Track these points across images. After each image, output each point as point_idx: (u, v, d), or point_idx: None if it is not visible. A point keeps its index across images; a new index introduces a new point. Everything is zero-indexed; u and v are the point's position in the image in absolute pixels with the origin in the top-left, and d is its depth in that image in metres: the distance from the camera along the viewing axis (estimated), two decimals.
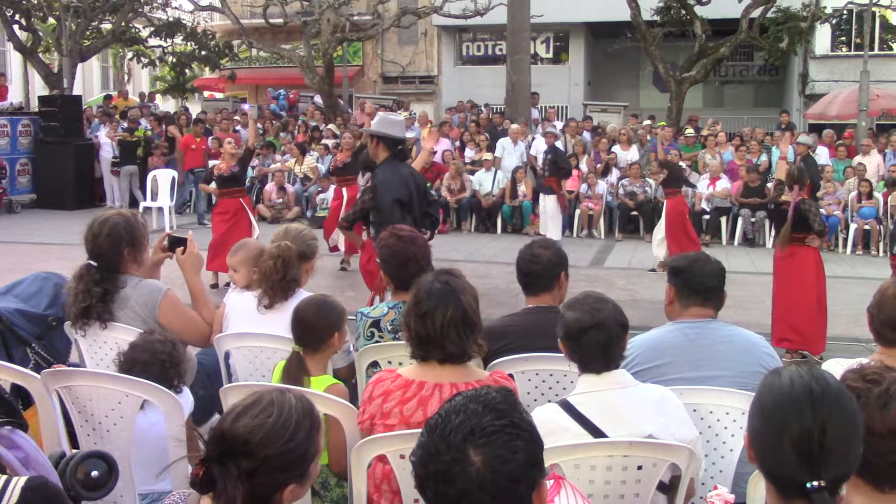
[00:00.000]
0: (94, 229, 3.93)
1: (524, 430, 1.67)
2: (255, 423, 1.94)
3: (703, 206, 14.99)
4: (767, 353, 3.41)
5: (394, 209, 6.09)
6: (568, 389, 3.31)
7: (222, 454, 1.93)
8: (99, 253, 3.92)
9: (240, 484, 1.91)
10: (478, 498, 1.59)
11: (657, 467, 2.70)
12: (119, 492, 3.01)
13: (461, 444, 1.61)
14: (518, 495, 1.62)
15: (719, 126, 17.94)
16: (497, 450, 1.61)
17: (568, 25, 28.61)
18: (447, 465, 1.61)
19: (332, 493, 3.32)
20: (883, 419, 1.88)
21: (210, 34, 26.23)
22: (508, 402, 1.71)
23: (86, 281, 3.88)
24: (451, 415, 1.68)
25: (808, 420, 1.70)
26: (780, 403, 1.74)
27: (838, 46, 27.56)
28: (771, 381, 1.81)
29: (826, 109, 21.03)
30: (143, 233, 4.05)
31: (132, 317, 3.89)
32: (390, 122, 6.44)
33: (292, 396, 2.05)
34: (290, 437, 1.96)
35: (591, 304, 2.85)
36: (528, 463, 1.64)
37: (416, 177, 6.43)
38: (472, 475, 1.59)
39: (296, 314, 3.50)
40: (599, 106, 22.68)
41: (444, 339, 2.80)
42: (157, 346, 3.40)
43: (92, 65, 31.15)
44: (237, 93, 31.30)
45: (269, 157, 17.55)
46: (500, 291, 9.09)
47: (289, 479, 1.98)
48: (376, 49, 30.64)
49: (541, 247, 3.91)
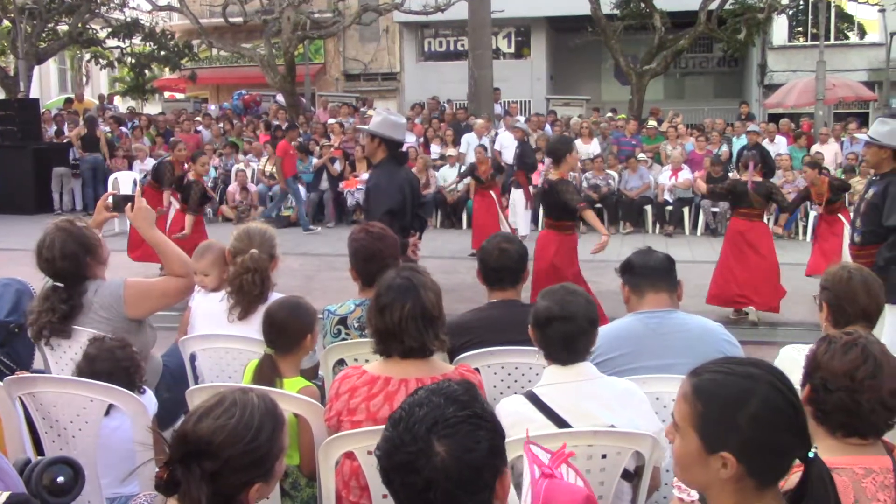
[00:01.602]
0: (45, 255, 3.79)
1: (486, 420, 1.72)
2: (217, 424, 1.95)
3: (666, 197, 15.14)
4: (726, 339, 3.48)
5: (383, 219, 5.84)
6: (533, 382, 3.34)
7: (185, 456, 1.94)
8: (62, 275, 3.82)
9: (204, 485, 1.91)
10: (443, 487, 1.64)
11: (621, 455, 2.75)
12: (86, 497, 2.99)
13: (425, 435, 1.66)
14: (482, 483, 1.67)
15: (680, 118, 18.13)
16: (461, 440, 1.66)
17: (529, 20, 28.71)
18: (413, 455, 1.66)
19: (303, 493, 3.32)
20: (842, 359, 2.23)
21: (169, 34, 25.95)
22: (470, 394, 1.75)
23: (52, 301, 3.79)
24: (415, 408, 1.73)
25: (789, 398, 1.77)
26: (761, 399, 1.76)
27: (795, 37, 27.96)
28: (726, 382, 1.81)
29: (784, 99, 21.32)
30: (90, 235, 3.92)
31: (97, 320, 3.85)
32: (392, 124, 6.11)
33: (255, 396, 2.05)
34: (254, 437, 1.96)
35: (562, 296, 2.89)
36: (491, 452, 1.68)
37: (412, 180, 6.21)
38: (437, 465, 1.64)
39: (269, 317, 3.45)
40: (562, 100, 22.82)
41: (402, 333, 2.83)
42: (117, 353, 3.35)
43: (49, 67, 30.73)
44: (198, 93, 30.99)
45: (232, 158, 17.41)
46: (466, 286, 9.11)
47: (253, 479, 1.99)
48: (338, 47, 30.53)
49: (506, 241, 3.96)
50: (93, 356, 3.36)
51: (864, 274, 3.35)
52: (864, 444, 2.22)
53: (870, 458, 2.18)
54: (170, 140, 14.30)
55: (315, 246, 13.58)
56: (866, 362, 2.22)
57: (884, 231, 5.66)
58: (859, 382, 2.20)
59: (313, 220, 15.99)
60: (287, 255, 10.20)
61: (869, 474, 2.14)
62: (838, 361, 2.23)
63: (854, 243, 5.94)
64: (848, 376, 2.21)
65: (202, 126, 19.41)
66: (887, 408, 2.21)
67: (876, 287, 3.30)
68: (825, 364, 2.26)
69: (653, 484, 2.94)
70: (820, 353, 2.29)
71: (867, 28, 27.13)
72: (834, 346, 2.27)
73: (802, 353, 2.95)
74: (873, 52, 25.75)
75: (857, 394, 2.19)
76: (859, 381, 2.20)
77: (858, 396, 2.19)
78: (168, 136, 18.51)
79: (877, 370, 2.21)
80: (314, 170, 16.41)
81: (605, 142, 16.71)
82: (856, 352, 2.24)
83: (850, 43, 27.20)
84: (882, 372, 2.21)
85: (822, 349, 2.29)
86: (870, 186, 5.92)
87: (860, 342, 2.27)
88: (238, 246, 4.19)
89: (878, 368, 2.21)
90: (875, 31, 26.07)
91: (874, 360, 2.22)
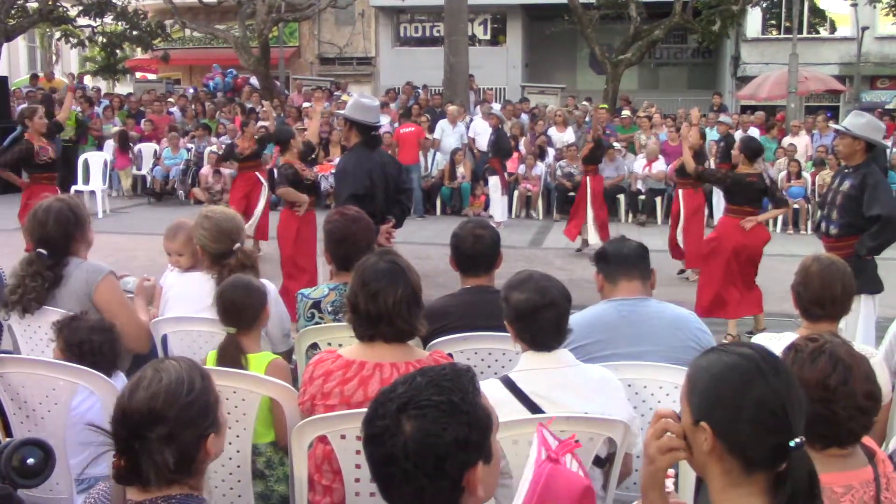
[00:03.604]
0: (39, 217, 3.89)
1: (461, 411, 1.70)
2: (151, 391, 1.99)
3: (639, 186, 15.22)
4: (698, 327, 3.51)
5: (348, 202, 5.82)
6: (507, 367, 3.36)
7: (133, 431, 1.96)
8: (48, 239, 3.87)
9: (164, 448, 1.95)
10: (402, 466, 1.65)
11: (593, 441, 2.77)
12: (55, 479, 2.97)
13: (395, 413, 1.68)
14: (443, 472, 1.66)
15: (654, 108, 18.21)
16: (427, 424, 1.66)
17: (505, 7, 28.68)
18: (381, 429, 1.69)
19: (277, 471, 3.34)
20: (812, 370, 2.18)
21: (141, 14, 25.52)
22: (455, 383, 1.74)
23: (37, 266, 3.82)
24: (399, 384, 1.75)
25: (774, 382, 1.76)
26: (744, 372, 1.77)
27: (769, 29, 28.18)
28: (717, 358, 1.83)
29: (757, 91, 21.51)
30: (86, 213, 4.07)
31: (69, 294, 3.83)
32: (364, 108, 6.05)
33: (171, 360, 2.12)
34: (189, 390, 2.02)
35: (537, 283, 2.90)
36: (458, 443, 1.67)
37: (388, 166, 6.12)
38: (398, 443, 1.66)
39: (225, 299, 3.46)
40: (537, 88, 22.84)
41: (395, 317, 2.84)
42: (107, 333, 3.37)
43: (18, 45, 30.12)
44: (170, 74, 30.63)
45: (205, 140, 17.25)
46: (439, 272, 9.12)
47: (205, 431, 2.04)
48: (313, 30, 30.31)
49: (480, 227, 3.97)
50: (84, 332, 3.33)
51: (828, 263, 3.43)
52: (843, 456, 2.17)
53: (849, 475, 2.14)
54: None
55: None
56: (836, 368, 2.17)
57: (863, 222, 5.74)
58: (832, 391, 2.15)
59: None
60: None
61: (848, 491, 2.10)
62: (808, 372, 2.18)
63: (829, 235, 6.00)
64: (820, 386, 2.15)
65: (175, 107, 19.22)
66: (864, 412, 2.17)
67: (835, 277, 3.38)
68: (795, 375, 2.17)
69: (624, 470, 2.97)
70: (787, 364, 2.18)
71: (838, 23, 27.42)
72: (801, 356, 2.22)
73: (774, 342, 3.00)
74: (844, 46, 26.04)
75: (832, 403, 2.14)
76: (832, 390, 2.15)
77: (834, 406, 2.14)
78: (140, 118, 18.32)
79: (847, 375, 2.17)
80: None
81: (580, 130, 16.75)
82: (823, 359, 2.19)
83: (822, 37, 27.48)
84: (853, 376, 2.17)
85: (789, 360, 2.22)
86: (843, 179, 5.97)
87: (826, 348, 2.22)
88: (217, 248, 4.07)
89: (849, 372, 2.17)
90: (846, 26, 26.33)
91: (843, 365, 2.18)
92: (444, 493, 1.68)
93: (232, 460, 3.17)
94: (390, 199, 5.94)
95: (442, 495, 1.69)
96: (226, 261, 4.00)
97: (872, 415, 2.21)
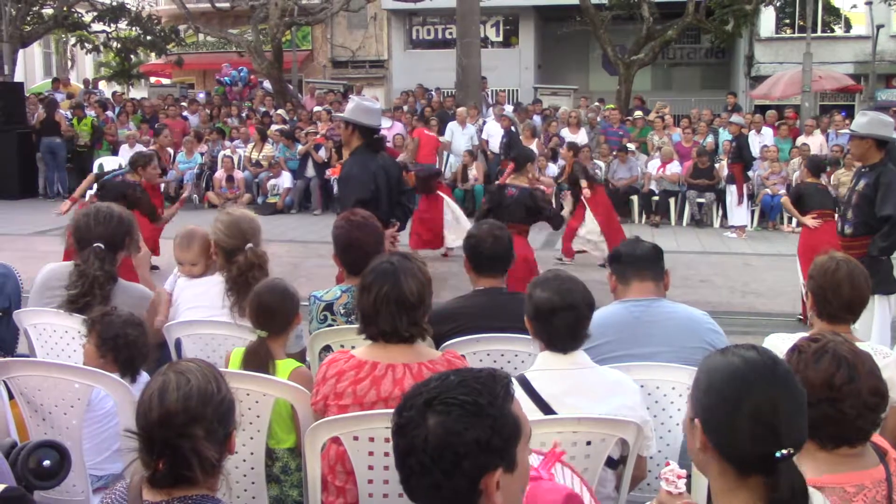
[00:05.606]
0: (99, 218, 3.93)
1: (487, 414, 1.69)
2: (181, 393, 2.01)
3: (652, 187, 15.18)
4: (710, 328, 3.50)
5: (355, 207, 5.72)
6: (520, 369, 3.35)
7: (178, 432, 1.97)
8: (108, 236, 3.90)
9: (208, 444, 1.98)
10: (420, 459, 1.67)
11: (605, 443, 2.76)
12: (71, 480, 2.99)
13: (422, 406, 1.71)
14: (460, 471, 1.66)
15: (667, 108, 18.16)
16: (450, 421, 1.67)
17: (517, 9, 28.67)
18: (406, 420, 1.71)
19: (292, 477, 3.34)
20: (816, 370, 2.20)
21: (155, 19, 25.70)
22: (487, 386, 1.74)
23: (101, 259, 3.82)
24: (433, 380, 1.78)
25: (767, 390, 1.77)
26: (739, 378, 1.80)
27: (782, 29, 28.03)
28: (720, 360, 1.87)
29: (770, 90, 21.43)
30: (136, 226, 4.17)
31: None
32: (365, 110, 5.91)
33: (187, 362, 2.14)
34: (218, 388, 2.07)
35: (561, 285, 2.90)
36: (479, 444, 1.66)
37: (389, 168, 6.03)
38: (420, 435, 1.67)
39: (260, 301, 3.43)
40: (549, 89, 22.84)
41: (376, 315, 2.84)
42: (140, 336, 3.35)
43: (34, 51, 30.37)
44: (184, 78, 30.80)
45: (219, 144, 17.32)
46: (452, 275, 9.13)
47: (231, 428, 2.09)
48: (325, 33, 30.38)
49: (497, 229, 3.98)
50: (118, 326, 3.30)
51: (851, 266, 3.37)
52: (854, 455, 2.17)
53: (861, 474, 2.14)
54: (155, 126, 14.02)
55: (301, 233, 13.56)
56: (840, 367, 2.18)
57: (876, 222, 5.73)
58: (838, 390, 2.15)
59: (300, 208, 15.95)
60: (273, 242, 10.17)
61: (860, 491, 2.10)
62: (812, 372, 2.19)
63: (844, 234, 5.99)
64: (826, 386, 2.16)
65: (188, 112, 19.31)
66: (871, 408, 2.17)
67: (861, 279, 3.31)
68: (800, 377, 2.15)
69: (638, 474, 2.97)
70: (791, 365, 2.20)
71: (853, 21, 27.23)
72: (804, 357, 2.23)
73: (787, 342, 2.98)
74: (859, 44, 25.88)
75: (838, 402, 2.14)
76: (838, 389, 2.16)
77: (841, 405, 2.14)
78: (153, 122, 18.39)
79: (852, 373, 2.17)
80: (299, 156, 16.36)
81: (593, 131, 16.72)
82: (827, 359, 2.20)
83: (837, 35, 27.31)
84: (858, 373, 2.18)
85: (792, 362, 2.23)
86: (860, 178, 5.97)
87: (829, 347, 2.23)
88: (231, 242, 4.08)
89: (853, 370, 2.18)
90: (861, 24, 26.17)
91: (847, 363, 2.19)
92: (461, 493, 1.68)
93: (246, 462, 3.18)
94: (393, 201, 5.92)
95: (458, 495, 1.68)
96: (234, 258, 4.01)
97: (880, 411, 2.21)
